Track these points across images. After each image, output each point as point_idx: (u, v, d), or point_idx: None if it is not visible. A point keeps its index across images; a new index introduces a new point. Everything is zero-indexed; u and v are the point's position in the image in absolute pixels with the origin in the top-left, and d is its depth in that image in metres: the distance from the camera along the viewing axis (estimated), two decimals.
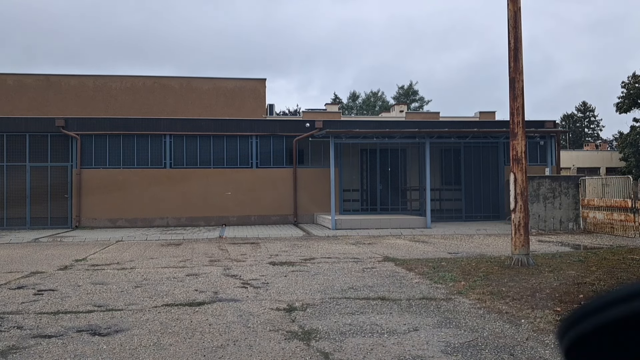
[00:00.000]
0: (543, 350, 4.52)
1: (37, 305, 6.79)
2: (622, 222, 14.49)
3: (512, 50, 8.93)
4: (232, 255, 11.40)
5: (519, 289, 6.87)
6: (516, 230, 8.86)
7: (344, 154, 20.29)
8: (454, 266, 9.07)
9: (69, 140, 18.96)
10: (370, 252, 11.62)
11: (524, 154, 8.87)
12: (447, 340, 4.86)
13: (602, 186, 15.43)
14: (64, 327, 5.66)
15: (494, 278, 7.76)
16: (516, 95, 8.89)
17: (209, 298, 7.06)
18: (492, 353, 4.46)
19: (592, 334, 0.77)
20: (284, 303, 6.66)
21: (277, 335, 5.21)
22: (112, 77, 22.64)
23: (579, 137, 68.44)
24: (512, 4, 8.95)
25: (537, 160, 20.21)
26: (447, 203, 20.96)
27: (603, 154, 43.13)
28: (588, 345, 0.79)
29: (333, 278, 8.42)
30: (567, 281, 7.30)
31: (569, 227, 15.88)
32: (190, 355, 4.60)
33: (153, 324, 5.70)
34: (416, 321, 5.57)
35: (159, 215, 19.16)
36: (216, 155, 19.58)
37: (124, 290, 7.66)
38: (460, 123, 21.47)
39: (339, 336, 5.10)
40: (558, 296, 6.39)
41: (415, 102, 62.92)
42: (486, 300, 6.34)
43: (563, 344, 0.82)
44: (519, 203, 8.81)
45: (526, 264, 8.66)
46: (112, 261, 10.84)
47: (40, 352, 4.77)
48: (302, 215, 19.70)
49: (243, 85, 23.33)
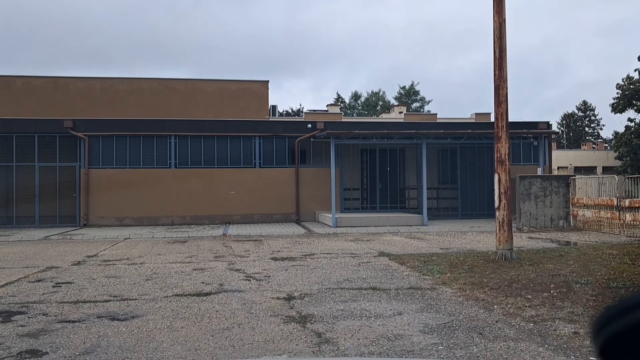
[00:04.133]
0: (509, 330, 5.16)
1: (57, 295, 7.43)
2: (608, 220, 15.10)
3: (497, 59, 9.55)
4: (235, 252, 12.03)
5: (498, 280, 7.51)
6: (500, 227, 9.49)
7: (345, 154, 20.93)
8: (443, 260, 9.70)
9: (77, 140, 19.63)
10: (367, 248, 12.24)
11: (507, 156, 9.50)
12: (426, 322, 5.50)
13: (589, 186, 16.03)
14: (85, 313, 6.30)
15: (477, 270, 8.40)
16: (500, 101, 9.52)
17: (215, 289, 7.69)
18: (463, 332, 5.10)
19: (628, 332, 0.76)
20: (284, 293, 7.29)
21: (276, 319, 5.85)
22: (119, 80, 23.30)
23: (579, 136, 68.86)
24: (497, 15, 9.57)
25: (530, 160, 20.83)
26: (444, 201, 21.62)
27: (600, 153, 43.71)
28: (623, 343, 0.77)
29: (330, 271, 9.05)
30: (544, 273, 7.93)
31: (560, 224, 16.49)
32: (200, 336, 5.24)
33: (165, 311, 6.34)
34: (401, 307, 6.21)
35: (165, 213, 19.83)
36: (220, 155, 20.24)
37: (136, 283, 8.30)
38: (456, 124, 22.08)
39: (332, 319, 5.74)
40: (532, 286, 7.02)
41: (417, 102, 63.48)
42: (466, 290, 6.98)
43: (598, 342, 0.80)
44: (502, 201, 9.45)
45: (509, 258, 9.29)
46: (122, 257, 11.49)
47: (68, 333, 5.41)
48: (304, 213, 20.34)
49: (246, 87, 23.97)
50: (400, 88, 64.45)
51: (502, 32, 9.54)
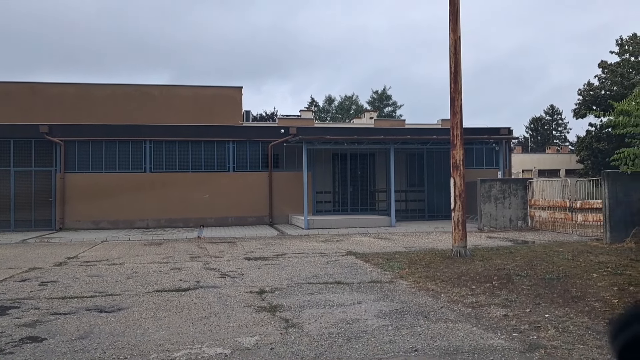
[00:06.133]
0: (450, 314, 5.97)
1: (45, 292, 7.99)
2: (562, 220, 16.19)
3: (453, 73, 10.44)
4: (210, 253, 12.66)
5: (449, 274, 8.34)
6: (455, 227, 10.36)
7: (317, 159, 21.70)
8: (404, 258, 10.52)
9: (53, 145, 19.98)
10: (336, 248, 13.00)
11: (462, 162, 10.38)
12: (381, 309, 6.28)
13: (544, 189, 17.13)
14: (74, 307, 6.90)
15: (433, 266, 9.24)
16: (455, 111, 10.40)
17: (192, 285, 8.35)
18: (411, 316, 5.90)
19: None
20: (256, 288, 7.99)
21: (249, 309, 6.55)
22: (94, 85, 23.65)
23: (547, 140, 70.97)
24: (452, 33, 10.45)
25: (492, 164, 21.93)
26: (411, 204, 22.59)
27: (563, 157, 45.48)
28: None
29: (300, 269, 9.77)
30: (491, 268, 8.80)
31: (518, 224, 17.53)
32: (181, 323, 5.91)
33: (148, 304, 6.98)
34: (361, 297, 6.99)
35: (140, 217, 20.30)
36: (194, 159, 20.82)
37: (118, 281, 8.90)
38: (423, 130, 23.06)
39: (299, 308, 6.48)
40: (478, 278, 7.87)
41: (389, 107, 64.76)
42: (420, 282, 7.80)
43: (616, 345, 0.81)
44: (457, 203, 10.32)
45: (463, 254, 10.16)
46: (102, 258, 12.02)
47: (61, 323, 6.02)
48: (278, 216, 21.04)
49: (221, 92, 24.55)
50: (373, 92, 65.71)
51: (457, 49, 10.43)
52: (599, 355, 4.52)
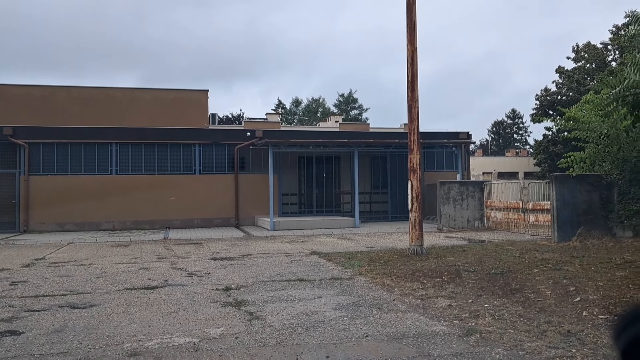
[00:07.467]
0: (401, 305, 6.55)
1: (16, 291, 8.24)
2: (516, 220, 17.08)
3: (410, 82, 11.08)
4: (177, 254, 12.99)
5: (405, 270, 8.95)
6: (412, 227, 11.00)
7: (283, 161, 22.16)
8: (365, 257, 11.10)
9: (17, 148, 19.90)
10: (301, 249, 13.49)
11: (418, 166, 11.03)
12: (339, 302, 6.82)
13: (500, 190, 18.03)
14: (47, 304, 7.21)
15: (390, 263, 9.84)
16: (412, 118, 11.04)
17: (160, 284, 8.71)
18: (366, 308, 6.45)
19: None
20: (222, 285, 8.42)
21: (216, 304, 6.99)
22: (59, 88, 23.54)
23: (508, 143, 73.09)
24: (410, 45, 11.09)
25: (452, 167, 22.81)
26: (375, 205, 23.28)
27: (522, 160, 47.13)
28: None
29: (265, 268, 10.23)
30: (443, 264, 9.45)
31: (475, 225, 18.37)
32: (152, 317, 6.31)
33: (119, 301, 7.34)
34: (321, 292, 7.51)
35: (106, 219, 20.38)
36: (160, 162, 21.02)
37: (88, 280, 9.19)
38: (386, 134, 23.80)
39: (262, 303, 6.95)
40: (430, 274, 8.49)
41: (355, 110, 65.65)
42: (377, 278, 8.38)
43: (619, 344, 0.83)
44: (414, 205, 10.96)
45: (419, 253, 10.80)
46: (70, 259, 12.21)
47: (37, 319, 6.34)
48: (244, 218, 21.41)
49: (187, 95, 24.72)
50: (339, 95, 66.48)
51: (414, 59, 11.08)
52: (526, 338, 5.14)
